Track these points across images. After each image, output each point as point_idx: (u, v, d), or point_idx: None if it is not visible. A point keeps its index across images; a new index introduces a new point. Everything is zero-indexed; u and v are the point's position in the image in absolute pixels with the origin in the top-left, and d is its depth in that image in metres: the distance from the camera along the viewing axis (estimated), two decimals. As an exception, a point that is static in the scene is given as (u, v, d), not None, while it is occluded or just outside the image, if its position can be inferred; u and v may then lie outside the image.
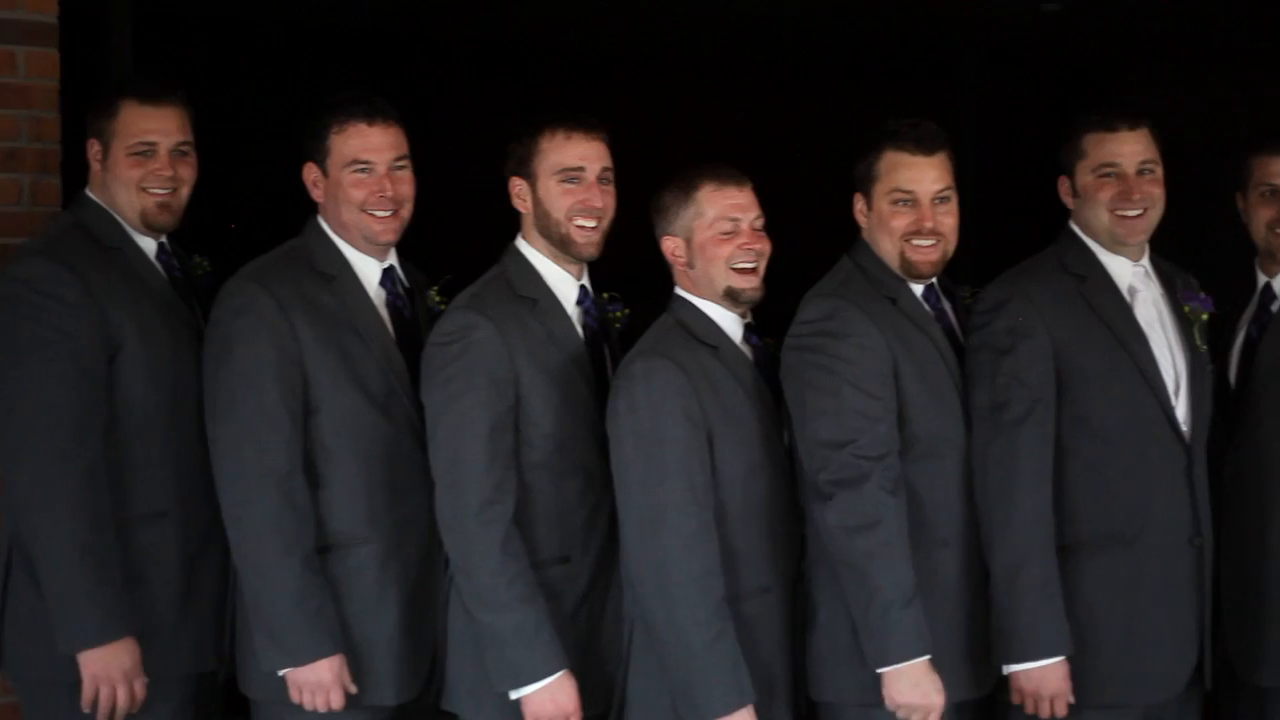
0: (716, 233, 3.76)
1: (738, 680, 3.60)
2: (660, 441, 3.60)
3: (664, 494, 3.59)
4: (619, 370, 3.73)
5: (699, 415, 3.63)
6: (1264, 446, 3.97)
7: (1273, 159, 4.05)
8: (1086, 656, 3.78)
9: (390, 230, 3.93)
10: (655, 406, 3.61)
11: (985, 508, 3.76)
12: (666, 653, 3.61)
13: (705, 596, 3.58)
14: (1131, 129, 3.89)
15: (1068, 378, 3.80)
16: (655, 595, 3.60)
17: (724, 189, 3.78)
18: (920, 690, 3.65)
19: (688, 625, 3.57)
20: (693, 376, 3.65)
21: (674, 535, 3.58)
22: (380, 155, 3.89)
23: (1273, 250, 4.05)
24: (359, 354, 3.85)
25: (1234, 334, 4.16)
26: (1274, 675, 3.95)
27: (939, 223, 3.82)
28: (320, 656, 3.73)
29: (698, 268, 3.77)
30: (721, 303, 3.80)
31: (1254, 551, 3.96)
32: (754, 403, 3.75)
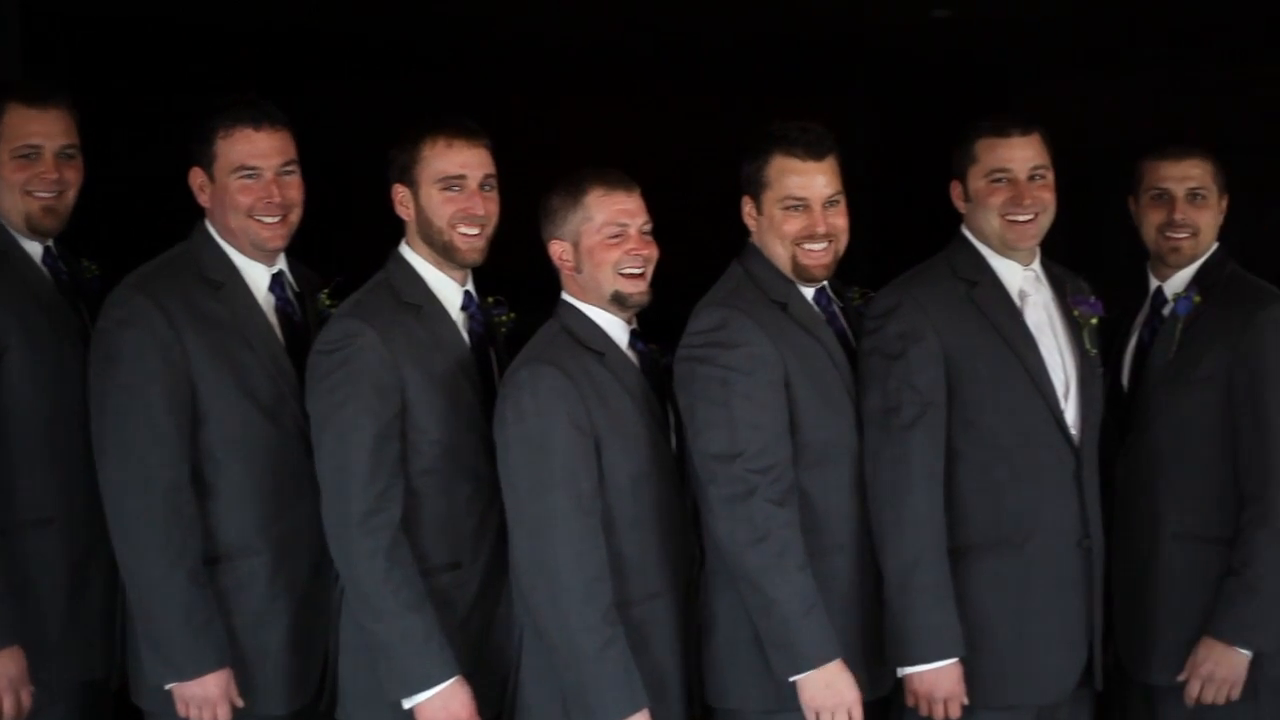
0: (604, 237, 3.76)
1: (629, 686, 3.61)
2: (546, 449, 3.60)
3: (551, 501, 3.59)
4: (505, 377, 3.73)
5: (585, 422, 3.63)
6: (1155, 448, 4.02)
7: (1163, 163, 4.10)
8: (978, 658, 3.82)
9: (278, 236, 3.91)
10: (541, 413, 3.61)
11: (877, 511, 3.79)
12: (558, 659, 3.62)
13: (594, 603, 3.59)
14: (1023, 134, 3.92)
15: (958, 382, 3.82)
16: (545, 602, 3.60)
17: (612, 194, 3.78)
18: (834, 690, 3.69)
19: (578, 631, 3.58)
20: (579, 383, 3.65)
21: (562, 542, 3.58)
22: (267, 160, 3.87)
23: (1163, 254, 4.10)
24: (248, 363, 3.83)
25: (1127, 337, 4.20)
26: (1164, 674, 4.00)
27: (830, 225, 3.84)
28: (206, 671, 3.72)
29: (585, 272, 3.77)
30: (608, 308, 3.79)
31: (1145, 552, 4.02)
32: (641, 409, 3.75)
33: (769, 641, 3.69)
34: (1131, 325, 4.20)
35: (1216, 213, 4.10)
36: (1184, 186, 4.06)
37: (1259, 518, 3.89)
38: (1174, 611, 3.98)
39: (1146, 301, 4.18)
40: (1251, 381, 3.92)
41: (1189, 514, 3.98)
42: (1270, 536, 3.88)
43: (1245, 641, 3.89)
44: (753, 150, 3.87)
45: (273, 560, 3.84)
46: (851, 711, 3.70)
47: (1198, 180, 4.06)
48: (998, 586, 3.84)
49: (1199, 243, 4.07)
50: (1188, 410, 3.98)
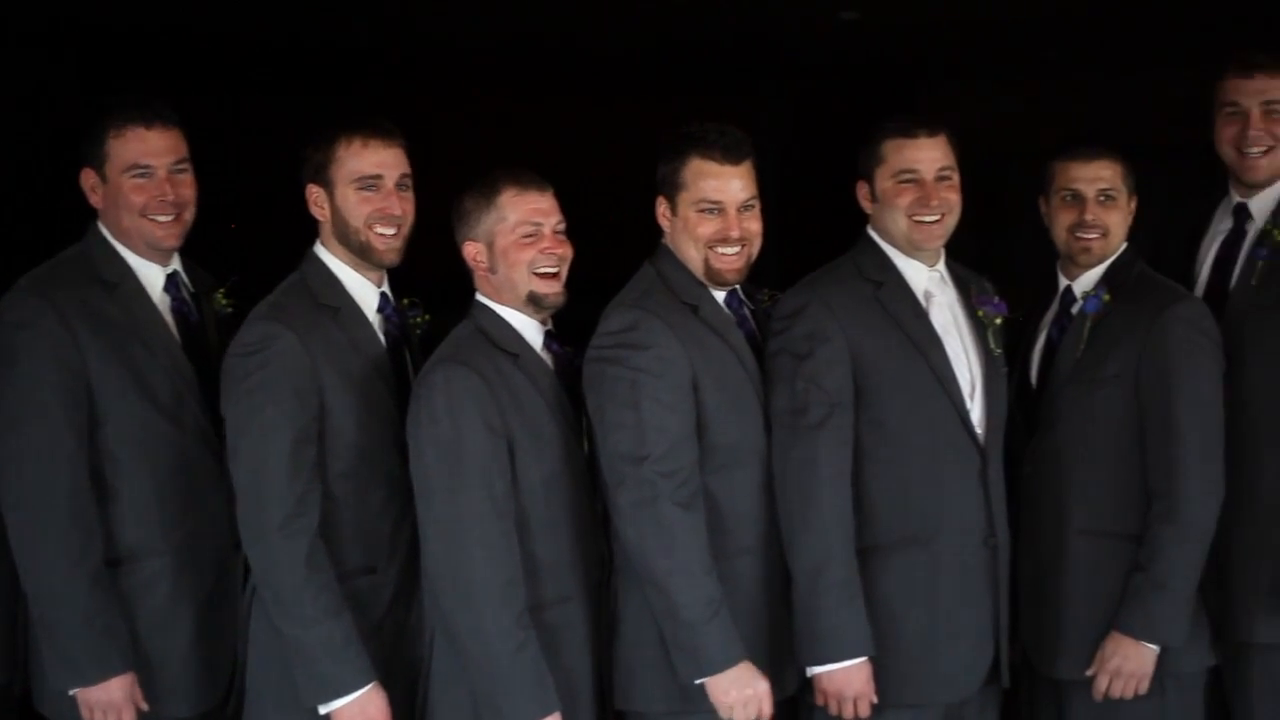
0: (518, 237, 3.77)
1: (542, 689, 3.64)
2: (461, 451, 3.61)
3: (465, 503, 3.61)
4: (419, 378, 3.74)
5: (499, 423, 3.65)
6: (1061, 446, 4.07)
7: (1074, 164, 4.14)
8: (887, 656, 3.87)
9: (172, 235, 3.94)
10: (455, 415, 3.62)
11: (785, 512, 3.83)
12: (470, 662, 3.64)
13: (508, 606, 3.61)
14: (930, 136, 3.97)
15: (865, 382, 3.87)
16: (459, 605, 3.62)
17: (526, 194, 3.80)
18: (743, 686, 3.73)
19: (492, 635, 3.60)
20: (493, 384, 3.66)
21: (476, 545, 3.60)
22: (160, 159, 3.90)
23: (1073, 254, 4.15)
24: (145, 363, 3.84)
25: (1036, 335, 4.26)
26: (1071, 668, 4.06)
27: (744, 230, 3.88)
28: (109, 675, 3.73)
29: (500, 272, 3.77)
30: (523, 309, 3.82)
31: (1052, 548, 4.07)
32: (554, 411, 3.77)
33: (674, 645, 3.72)
34: (1040, 324, 4.25)
35: (1126, 213, 4.16)
36: (1094, 187, 4.10)
37: (1166, 514, 3.93)
38: (1081, 607, 4.03)
39: (1055, 300, 4.23)
40: (1158, 379, 3.97)
41: (1096, 510, 4.03)
42: (1177, 532, 3.93)
43: (1152, 636, 3.95)
44: (670, 151, 3.90)
45: (175, 562, 3.85)
46: (763, 701, 3.74)
47: (1108, 181, 4.11)
48: (905, 585, 3.89)
49: (1109, 243, 4.13)
50: (1095, 408, 4.03)
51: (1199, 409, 3.95)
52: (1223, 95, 4.24)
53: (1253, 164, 4.20)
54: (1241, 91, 4.19)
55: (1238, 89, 4.20)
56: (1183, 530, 3.93)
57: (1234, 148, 4.22)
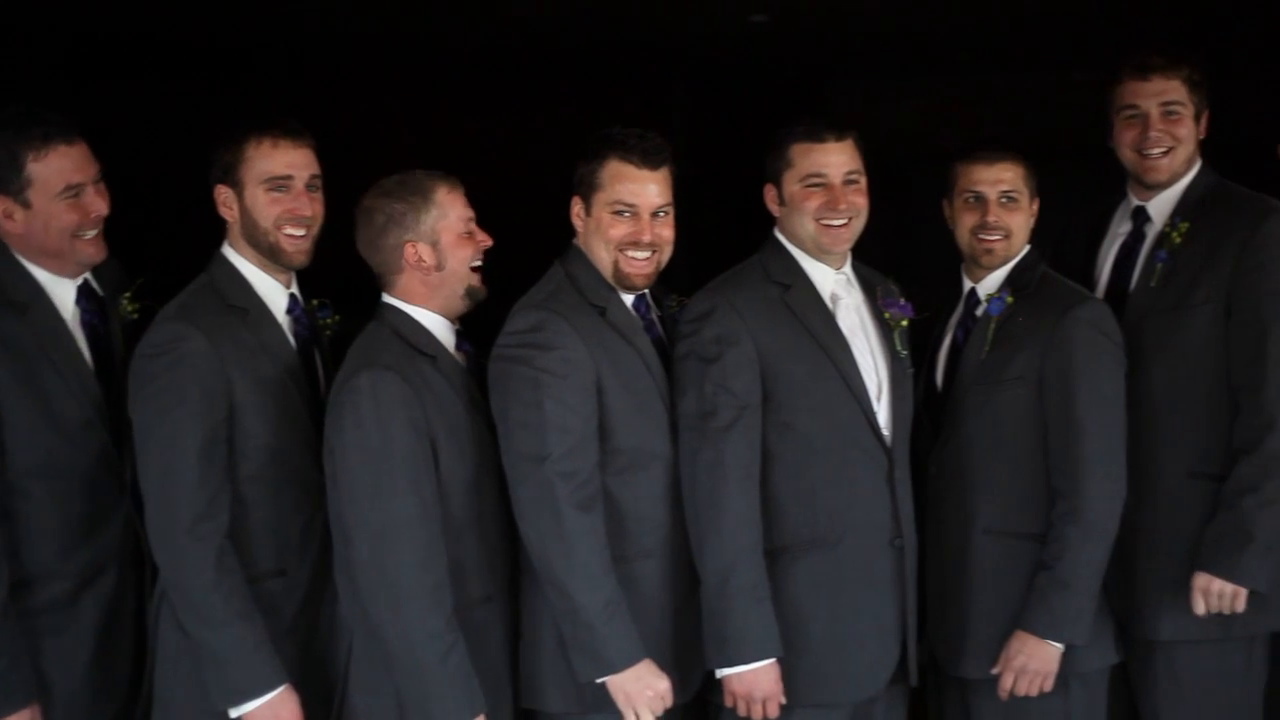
0: (461, 233, 3.81)
1: (470, 690, 3.68)
2: (389, 456, 3.63)
3: (395, 508, 3.62)
4: (341, 382, 3.72)
5: (424, 426, 3.68)
6: (967, 447, 4.11)
7: (976, 166, 4.18)
8: (795, 657, 3.92)
9: (103, 249, 3.94)
10: (383, 420, 3.63)
11: (694, 515, 3.86)
12: (398, 666, 3.65)
13: (438, 609, 3.64)
14: (837, 140, 4.01)
15: (773, 385, 3.91)
16: (387, 609, 3.63)
17: (457, 191, 3.86)
18: (644, 683, 3.77)
19: (422, 639, 3.62)
20: (416, 388, 3.69)
21: (407, 549, 3.62)
22: (85, 175, 3.88)
23: (976, 255, 4.19)
24: (54, 388, 3.81)
25: (942, 336, 4.31)
26: (977, 667, 4.11)
27: (656, 235, 3.91)
28: (12, 710, 3.70)
29: (447, 268, 3.80)
30: (447, 306, 3.83)
31: (957, 547, 4.12)
32: (471, 412, 3.81)
33: (573, 645, 3.76)
34: (946, 325, 4.30)
35: (1028, 215, 4.20)
36: (996, 189, 4.14)
37: (1070, 513, 3.99)
38: (987, 606, 4.08)
39: (960, 302, 4.28)
40: (1061, 380, 4.02)
41: (1001, 510, 4.07)
42: (1081, 532, 3.98)
43: (1056, 635, 4.00)
44: (589, 152, 3.93)
45: (77, 584, 3.83)
46: (665, 698, 3.79)
47: (1009, 183, 4.15)
48: (813, 586, 3.94)
49: (1011, 244, 4.17)
50: (999, 409, 4.08)
51: (1101, 409, 4.01)
52: (1120, 99, 4.30)
53: (1153, 165, 4.27)
54: (1139, 94, 4.26)
55: (1135, 92, 4.26)
56: (1086, 529, 3.98)
57: (1134, 150, 4.28)
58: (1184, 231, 4.20)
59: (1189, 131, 4.26)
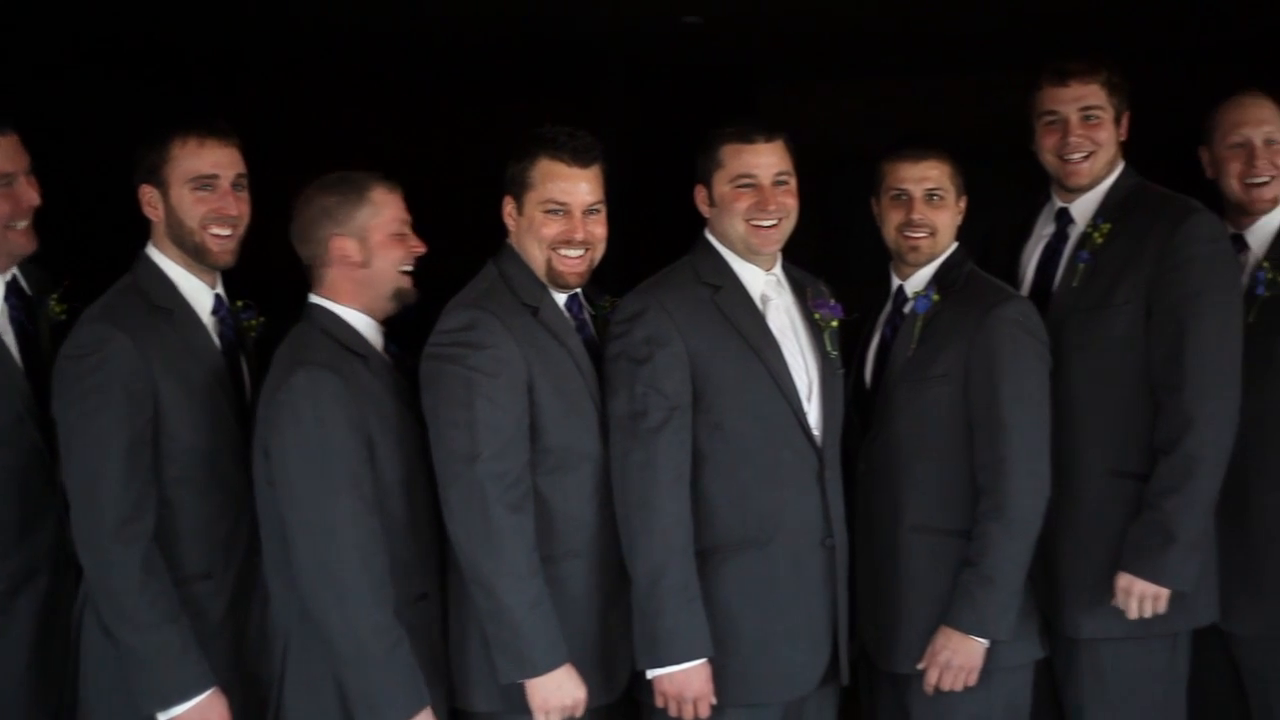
0: (393, 232, 3.83)
1: (415, 685, 3.70)
2: (329, 453, 3.64)
3: (336, 506, 3.63)
4: (277, 383, 3.71)
5: (361, 425, 3.69)
6: (895, 444, 4.15)
7: (902, 164, 4.22)
8: (726, 657, 3.94)
9: (33, 242, 3.93)
10: (322, 419, 3.64)
11: (625, 515, 3.88)
12: (342, 662, 3.66)
13: (381, 605, 3.66)
14: (767, 141, 4.04)
15: (704, 385, 3.93)
16: (331, 607, 3.63)
17: (394, 192, 3.88)
18: (563, 691, 3.79)
19: (367, 634, 3.63)
20: (352, 386, 3.68)
21: (349, 546, 3.62)
22: (15, 166, 3.88)
23: (903, 253, 4.23)
24: None
25: (870, 334, 4.34)
26: (907, 662, 4.15)
27: (589, 233, 3.94)
28: None
29: (373, 266, 3.80)
30: (384, 305, 3.86)
31: (886, 544, 4.16)
32: (404, 411, 3.80)
33: (496, 645, 3.77)
34: (875, 323, 4.34)
35: (954, 213, 4.24)
36: (922, 187, 4.18)
37: (994, 510, 4.02)
38: (914, 602, 4.12)
39: (888, 300, 4.31)
40: (986, 378, 4.05)
41: (927, 507, 4.11)
42: (1004, 529, 4.02)
43: (980, 630, 4.03)
44: (519, 151, 3.95)
45: (10, 588, 3.82)
46: (577, 709, 3.81)
47: (935, 181, 4.19)
48: (744, 586, 3.96)
49: (937, 242, 4.21)
50: (926, 406, 4.11)
51: (1025, 407, 4.05)
52: (1040, 104, 4.35)
53: (1074, 170, 4.32)
54: (1058, 100, 4.30)
55: (1055, 98, 4.31)
56: (1009, 527, 4.01)
57: (1055, 155, 4.33)
58: (1105, 232, 4.25)
59: (1109, 135, 4.32)
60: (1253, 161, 4.35)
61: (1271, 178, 4.35)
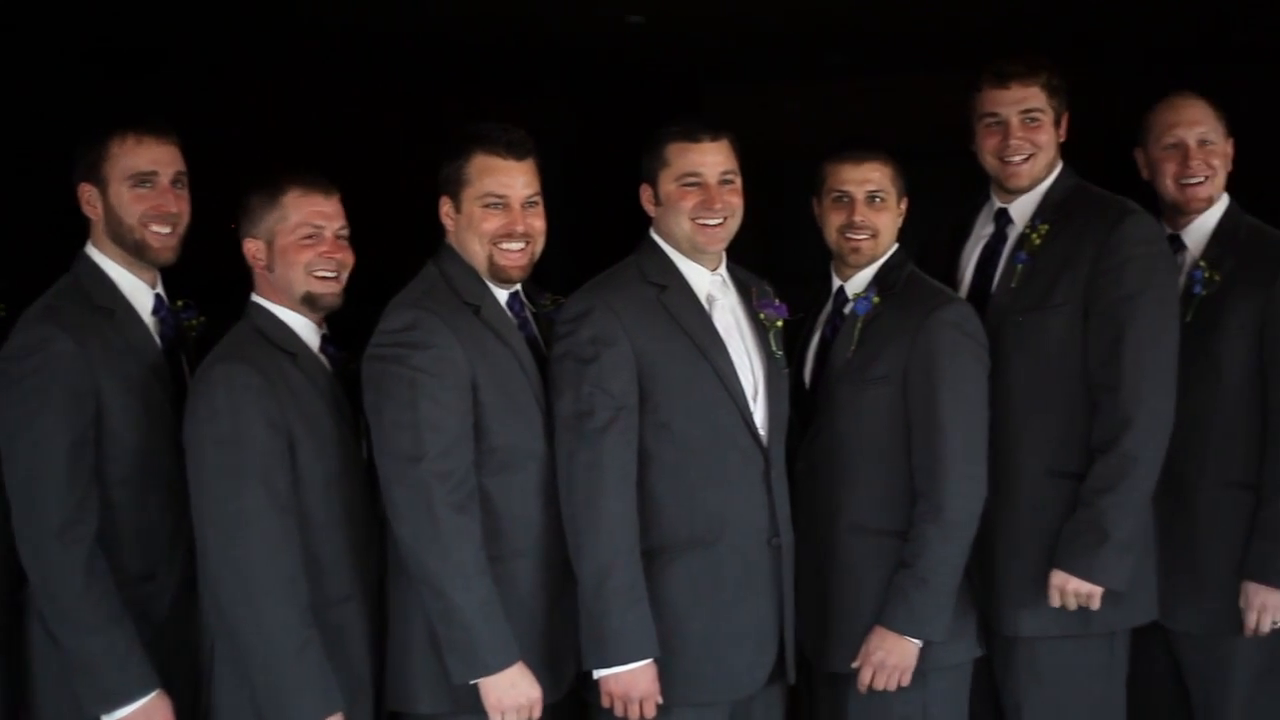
0: (298, 238, 3.81)
1: (325, 688, 3.68)
2: (240, 447, 3.63)
3: (246, 500, 3.62)
4: (197, 375, 3.74)
5: (280, 420, 3.68)
6: (833, 444, 4.17)
7: (844, 166, 4.24)
8: (673, 657, 3.95)
9: None
10: (235, 412, 3.64)
11: (571, 515, 3.88)
12: (252, 661, 3.65)
13: (291, 603, 3.64)
14: (713, 140, 4.05)
15: (650, 385, 3.93)
16: (240, 603, 3.63)
17: (310, 195, 3.84)
18: (518, 690, 3.79)
19: (275, 633, 3.62)
20: (273, 382, 3.70)
21: (257, 542, 3.62)
22: None
23: (844, 254, 4.25)
24: None
25: (811, 334, 4.36)
26: (842, 662, 4.17)
27: (529, 226, 3.94)
28: None
29: (277, 272, 3.81)
30: (299, 309, 3.81)
31: (824, 543, 4.17)
32: (332, 411, 3.81)
33: (448, 646, 3.77)
34: (815, 323, 4.36)
35: (895, 215, 4.26)
36: (864, 189, 4.20)
37: (930, 512, 4.05)
38: (851, 602, 4.14)
39: (829, 300, 4.33)
40: (925, 380, 4.07)
41: (865, 508, 4.13)
42: (940, 530, 4.04)
43: (914, 631, 4.06)
44: (453, 150, 3.95)
45: None
46: (534, 708, 3.81)
47: (877, 183, 4.21)
48: (691, 586, 3.97)
49: (878, 243, 4.23)
50: (865, 407, 4.13)
51: (963, 409, 4.08)
52: (981, 106, 4.38)
53: (1015, 172, 4.35)
54: (999, 102, 4.33)
55: (995, 100, 4.34)
56: (945, 528, 4.04)
57: (996, 157, 4.36)
58: (1044, 233, 4.28)
59: (1049, 137, 4.35)
60: (1187, 162, 4.41)
61: (1206, 178, 4.41)
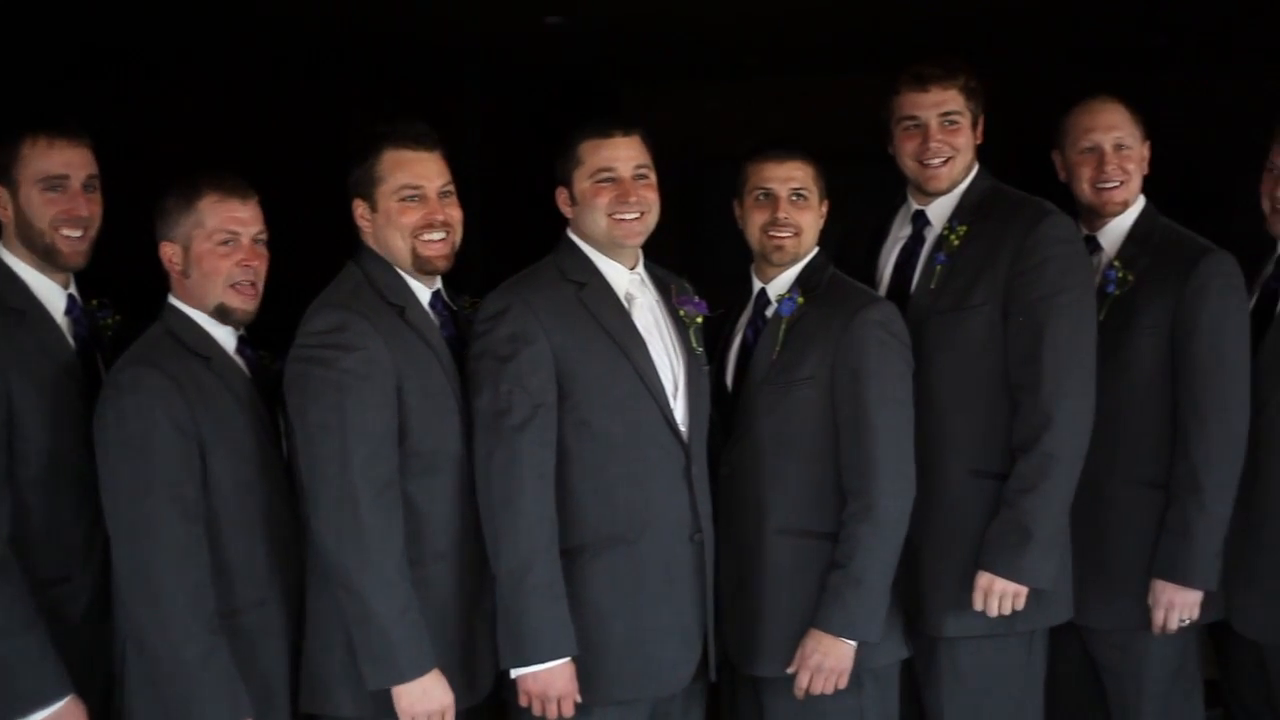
0: (214, 244, 3.79)
1: (233, 695, 3.67)
2: (148, 451, 3.61)
3: (152, 505, 3.60)
4: (107, 379, 3.73)
5: (190, 425, 3.65)
6: (759, 447, 4.17)
7: (766, 165, 4.25)
8: (593, 655, 3.96)
9: None
10: (143, 416, 3.62)
11: (489, 514, 3.88)
12: (159, 668, 3.65)
13: (197, 610, 3.63)
14: (625, 135, 4.07)
15: (569, 383, 3.94)
16: (146, 609, 3.61)
17: (227, 200, 3.83)
18: (430, 698, 3.78)
19: (181, 640, 3.60)
20: (183, 386, 3.67)
21: (164, 548, 3.60)
22: None
23: (767, 253, 4.27)
24: None
25: (731, 336, 4.37)
26: (771, 666, 4.18)
27: (448, 215, 3.96)
28: None
29: (193, 278, 3.76)
30: (218, 315, 3.77)
31: (751, 548, 4.17)
32: (248, 415, 3.79)
33: (364, 650, 3.76)
34: (735, 326, 4.37)
35: (817, 215, 4.28)
36: (787, 187, 4.22)
37: (862, 512, 4.06)
38: (780, 605, 4.14)
39: (750, 302, 4.35)
40: (851, 381, 4.09)
41: (793, 510, 4.13)
42: (873, 530, 4.06)
43: (850, 632, 4.07)
44: (361, 151, 3.96)
45: None
46: (445, 715, 3.80)
47: (799, 181, 4.23)
48: (612, 584, 3.98)
49: (801, 242, 4.25)
50: (790, 409, 4.14)
51: (890, 409, 4.10)
52: (899, 109, 4.41)
53: (933, 174, 4.38)
54: (918, 105, 4.36)
55: (914, 103, 4.37)
56: (878, 528, 4.06)
57: (915, 160, 4.40)
58: (962, 235, 4.32)
59: (967, 140, 4.39)
60: (1103, 167, 4.45)
61: (1121, 182, 4.46)
